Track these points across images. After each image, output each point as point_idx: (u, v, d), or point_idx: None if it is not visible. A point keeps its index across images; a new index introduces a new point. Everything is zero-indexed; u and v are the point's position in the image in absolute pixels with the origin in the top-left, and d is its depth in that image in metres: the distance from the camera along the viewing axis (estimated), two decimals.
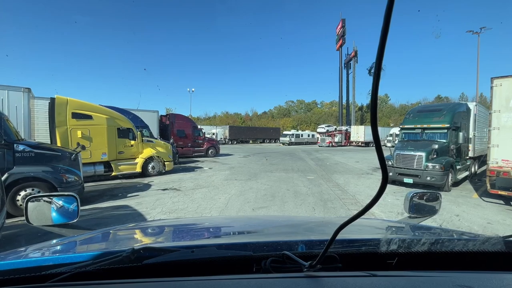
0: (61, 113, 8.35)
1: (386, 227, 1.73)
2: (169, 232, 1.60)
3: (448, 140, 8.58)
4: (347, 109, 59.66)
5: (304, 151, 26.83)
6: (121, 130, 9.79)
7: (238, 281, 0.71)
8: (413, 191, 1.71)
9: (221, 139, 40.08)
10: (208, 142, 19.47)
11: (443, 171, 7.75)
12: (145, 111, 15.54)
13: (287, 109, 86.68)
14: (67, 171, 6.13)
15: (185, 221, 2.35)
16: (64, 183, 5.96)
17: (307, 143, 43.48)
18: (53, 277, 0.71)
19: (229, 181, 9.71)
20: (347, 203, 6.78)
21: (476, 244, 0.91)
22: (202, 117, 79.32)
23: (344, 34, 56.84)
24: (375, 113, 0.46)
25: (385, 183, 0.50)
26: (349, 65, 58.54)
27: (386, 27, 0.39)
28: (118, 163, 9.72)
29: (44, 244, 1.20)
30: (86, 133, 8.78)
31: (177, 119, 17.79)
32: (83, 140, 8.70)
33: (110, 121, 9.40)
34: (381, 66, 0.42)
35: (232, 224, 1.88)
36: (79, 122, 8.65)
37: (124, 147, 9.92)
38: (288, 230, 1.56)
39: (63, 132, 8.35)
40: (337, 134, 39.22)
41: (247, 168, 13.44)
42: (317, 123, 64.90)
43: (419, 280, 0.73)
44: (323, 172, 12.32)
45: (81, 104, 8.83)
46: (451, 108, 9.26)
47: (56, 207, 1.52)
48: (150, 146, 10.75)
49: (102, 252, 0.92)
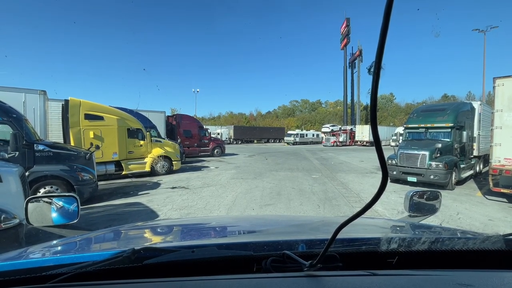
0: (74, 114, 8.69)
1: (386, 226, 1.74)
2: (170, 232, 1.63)
3: (452, 139, 8.69)
4: (352, 109, 59.40)
5: (309, 151, 26.98)
6: (130, 130, 10.12)
7: (238, 281, 0.71)
8: (413, 190, 1.73)
9: (226, 139, 40.36)
10: (214, 142, 19.79)
11: (446, 169, 7.87)
12: (153, 111, 15.88)
13: (291, 109, 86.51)
14: (83, 169, 6.45)
15: (185, 221, 2.37)
16: (80, 181, 6.27)
17: (312, 142, 43.53)
18: (54, 278, 0.71)
19: (235, 179, 9.95)
20: (351, 201, 6.96)
21: (476, 243, 0.91)
22: (206, 117, 79.70)
23: (348, 33, 56.50)
24: (375, 111, 0.47)
25: (385, 182, 0.51)
26: (354, 65, 58.18)
27: (386, 26, 0.39)
28: (128, 162, 10.05)
29: (45, 245, 1.19)
30: (98, 133, 9.11)
31: (183, 119, 18.14)
32: (95, 140, 9.03)
33: (120, 121, 9.73)
34: (381, 65, 0.42)
35: (232, 223, 1.89)
36: (91, 123, 8.99)
37: (134, 147, 10.25)
38: (288, 229, 1.57)
39: (77, 133, 8.69)
40: (342, 133, 39.24)
41: (252, 167, 13.68)
42: (321, 122, 64.84)
43: (419, 279, 0.73)
44: (327, 171, 12.49)
45: (93, 106, 9.18)
46: (455, 107, 9.35)
47: (56, 207, 1.53)
48: (158, 146, 11.07)
49: (103, 252, 0.95)
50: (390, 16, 0.38)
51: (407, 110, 77.06)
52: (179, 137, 17.19)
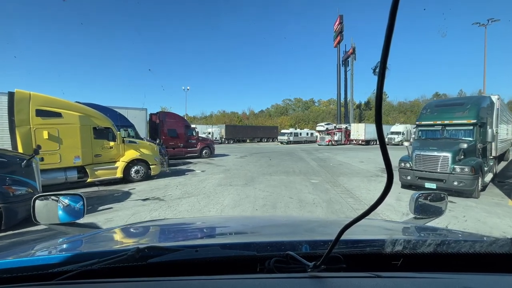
0: (22, 110, 7.06)
1: (390, 227, 1.68)
2: (173, 232, 1.62)
3: (475, 138, 7.44)
4: (345, 107, 58.64)
5: (304, 150, 25.67)
6: (98, 129, 8.50)
7: (242, 281, 0.71)
8: (418, 192, 1.70)
9: (217, 138, 38.84)
10: (202, 142, 18.18)
11: (473, 174, 6.59)
12: (132, 108, 14.24)
13: (284, 108, 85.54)
14: (15, 182, 4.87)
15: (189, 221, 2.37)
16: (11, 197, 4.69)
17: (306, 141, 42.34)
18: (59, 275, 0.72)
19: (222, 187, 8.48)
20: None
21: (483, 246, 0.88)
22: (198, 116, 78.18)
23: (342, 31, 55.72)
24: (380, 111, 0.46)
25: (390, 183, 0.49)
26: (347, 62, 57.50)
27: (391, 26, 0.38)
28: (95, 167, 8.43)
29: (51, 243, 1.22)
30: (54, 133, 7.50)
31: (167, 117, 16.45)
32: (51, 142, 7.43)
33: (84, 119, 8.12)
34: (386, 65, 0.42)
35: (235, 223, 1.88)
36: (45, 120, 7.37)
37: (102, 149, 8.64)
38: (291, 230, 1.56)
39: (25, 133, 7.07)
40: (337, 132, 38.08)
41: (243, 170, 12.23)
42: (315, 121, 63.81)
43: (424, 282, 0.72)
44: (327, 174, 11.15)
45: (47, 100, 7.54)
46: (475, 101, 8.10)
47: (62, 205, 1.52)
48: (133, 148, 9.48)
49: (107, 250, 0.98)
50: (396, 16, 0.38)
51: (399, 109, 77.03)
52: (164, 137, 15.58)
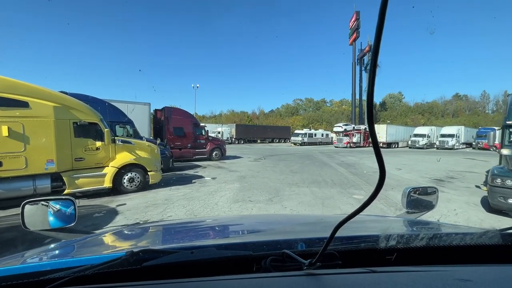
0: None
1: (384, 223, 1.69)
2: (168, 234, 1.59)
3: None
4: (360, 107, 55.66)
5: (322, 153, 23.33)
6: (80, 125, 6.53)
7: (238, 281, 0.71)
8: (410, 187, 1.74)
9: (227, 138, 36.92)
10: (212, 142, 16.10)
11: None
12: (132, 102, 12.33)
13: (295, 108, 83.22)
14: None
15: (183, 222, 2.31)
16: None
17: (321, 143, 39.90)
18: (51, 282, 0.69)
19: (240, 204, 6.38)
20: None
21: (473, 238, 0.91)
22: (207, 115, 76.78)
23: (358, 28, 52.94)
24: (371, 109, 0.46)
25: (382, 180, 0.51)
26: (363, 61, 54.60)
27: (381, 23, 0.39)
28: (75, 175, 6.46)
29: (42, 249, 1.20)
30: (17, 129, 5.56)
31: (174, 113, 14.42)
32: (13, 140, 5.50)
33: (60, 111, 6.15)
34: (377, 63, 0.42)
35: (231, 224, 1.86)
36: (4, 112, 5.45)
37: (85, 151, 6.67)
38: (287, 228, 1.57)
39: None
40: (356, 133, 35.45)
41: (262, 178, 10.10)
42: (329, 121, 61.13)
43: (418, 275, 0.73)
44: (368, 186, 8.87)
45: (10, 85, 5.59)
46: None
47: (53, 211, 1.48)
48: (126, 150, 7.49)
49: (101, 255, 0.95)
50: (385, 15, 0.39)
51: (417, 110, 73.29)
52: (168, 135, 13.62)
